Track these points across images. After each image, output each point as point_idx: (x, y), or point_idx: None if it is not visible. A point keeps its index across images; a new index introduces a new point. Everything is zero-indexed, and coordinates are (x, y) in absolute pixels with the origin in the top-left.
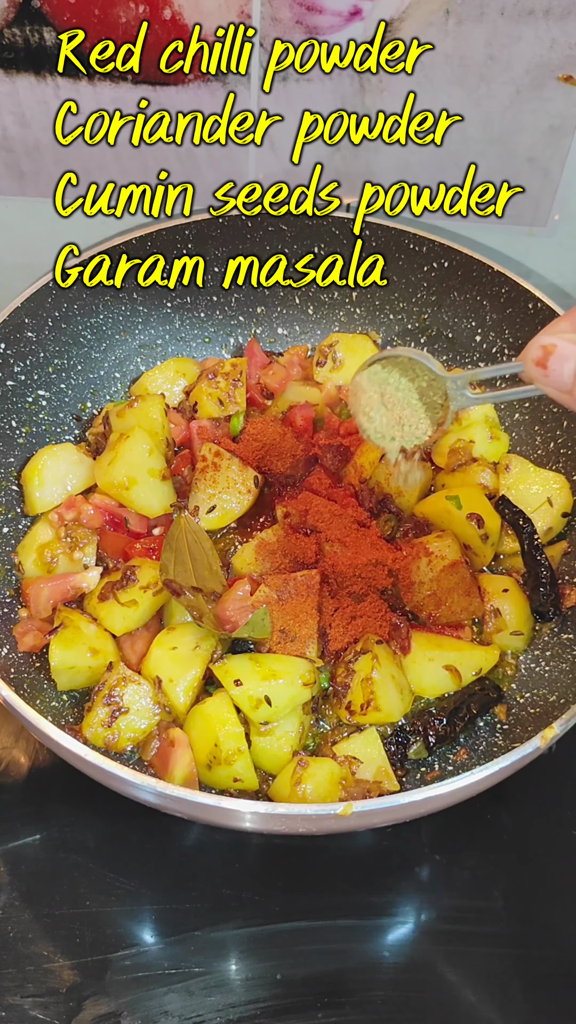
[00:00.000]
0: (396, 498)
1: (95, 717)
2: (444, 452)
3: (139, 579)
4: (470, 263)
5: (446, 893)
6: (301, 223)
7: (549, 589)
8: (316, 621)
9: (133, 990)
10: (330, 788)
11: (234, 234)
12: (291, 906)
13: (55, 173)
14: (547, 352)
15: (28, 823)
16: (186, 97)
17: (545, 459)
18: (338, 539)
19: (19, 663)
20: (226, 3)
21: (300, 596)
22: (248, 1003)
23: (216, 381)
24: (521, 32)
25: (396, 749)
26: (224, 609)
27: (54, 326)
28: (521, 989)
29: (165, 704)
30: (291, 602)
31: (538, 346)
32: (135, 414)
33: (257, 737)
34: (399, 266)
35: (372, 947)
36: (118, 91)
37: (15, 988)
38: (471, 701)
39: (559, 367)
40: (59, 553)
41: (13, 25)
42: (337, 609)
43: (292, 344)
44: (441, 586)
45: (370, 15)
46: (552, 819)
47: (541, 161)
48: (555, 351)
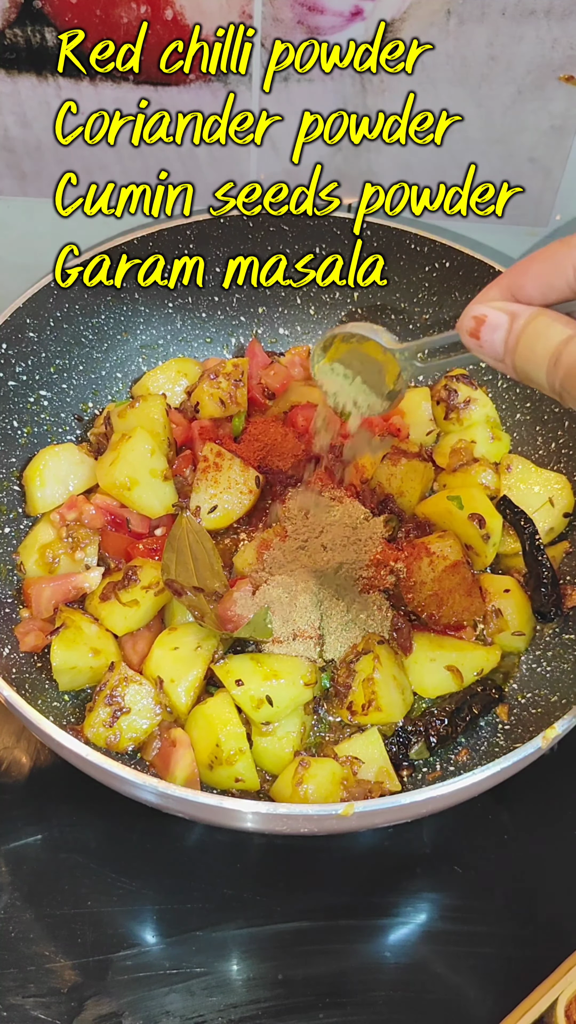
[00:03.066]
0: (398, 498)
1: (96, 717)
2: (446, 452)
3: (140, 579)
4: (471, 263)
5: (447, 893)
6: (301, 223)
7: (550, 589)
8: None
9: (134, 990)
10: (331, 788)
11: (234, 234)
12: (292, 906)
13: (57, 173)
14: (479, 322)
15: (30, 823)
16: (187, 97)
17: (546, 459)
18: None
19: (21, 663)
20: (227, 3)
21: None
22: (249, 1003)
23: (218, 381)
24: (522, 32)
25: (398, 749)
26: (226, 609)
27: (56, 326)
28: (522, 989)
29: (166, 704)
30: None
31: (469, 317)
32: (137, 414)
33: (259, 737)
34: (400, 266)
35: (373, 947)
36: (119, 91)
37: (17, 988)
38: (472, 701)
39: (490, 337)
40: (61, 553)
41: (15, 25)
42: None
43: (293, 344)
44: (443, 586)
45: (371, 15)
46: (553, 819)
47: (542, 161)
48: (486, 320)
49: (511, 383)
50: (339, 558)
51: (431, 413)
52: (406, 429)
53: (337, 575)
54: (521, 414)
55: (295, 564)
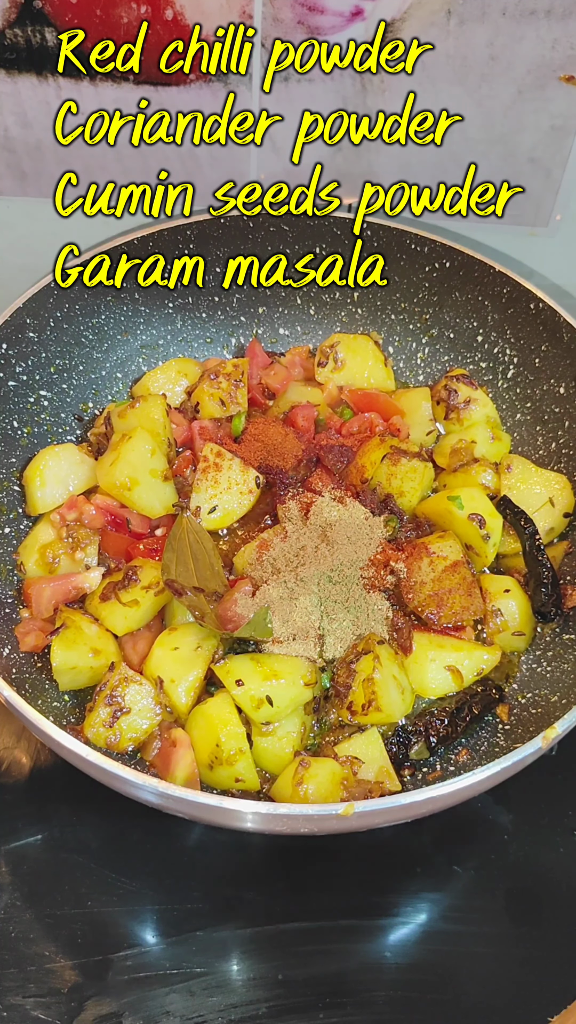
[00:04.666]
0: (398, 498)
1: (97, 717)
2: (446, 452)
3: (141, 579)
4: (472, 263)
5: (448, 893)
6: (301, 223)
7: (551, 589)
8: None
9: (135, 990)
10: (332, 788)
11: (234, 234)
12: (292, 906)
13: (57, 173)
14: None
15: (30, 823)
16: (187, 97)
17: (547, 459)
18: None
19: (21, 663)
20: (227, 3)
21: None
22: (250, 1003)
23: (218, 381)
24: (523, 32)
25: (398, 749)
26: (226, 609)
27: (56, 326)
28: (522, 989)
29: (167, 704)
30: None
31: None
32: (137, 415)
33: (259, 737)
34: (400, 266)
35: (374, 947)
36: (119, 91)
37: (17, 988)
38: (473, 701)
39: None
40: (61, 553)
41: (15, 26)
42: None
43: (294, 344)
44: (443, 586)
45: (371, 15)
46: (553, 819)
47: (543, 161)
48: None
49: (512, 383)
50: (339, 558)
51: (431, 413)
52: (406, 429)
53: (337, 575)
54: (521, 414)
55: (295, 564)
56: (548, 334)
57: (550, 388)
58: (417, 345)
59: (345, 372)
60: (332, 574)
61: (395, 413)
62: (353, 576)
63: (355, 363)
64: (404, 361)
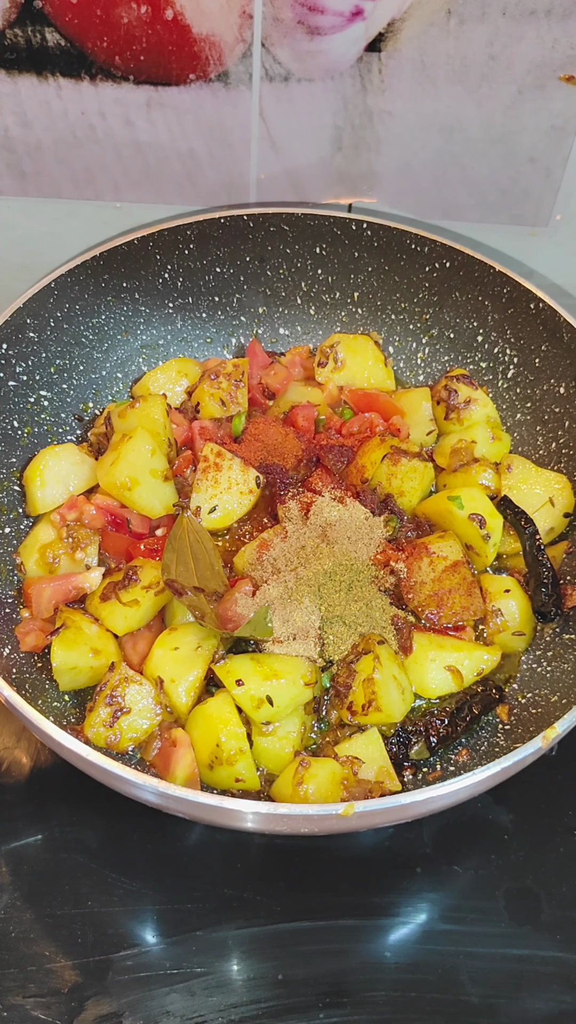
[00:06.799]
0: (398, 498)
1: (97, 717)
2: (446, 452)
3: (141, 579)
4: (472, 263)
5: (448, 893)
6: (302, 223)
7: (551, 589)
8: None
9: (135, 990)
10: (332, 788)
11: (234, 234)
12: (293, 906)
13: (57, 173)
14: None
15: (30, 823)
16: (187, 97)
17: (547, 459)
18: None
19: (21, 663)
20: (227, 3)
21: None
22: (250, 1003)
23: (218, 381)
24: (523, 32)
25: (398, 749)
26: (226, 609)
27: (56, 326)
28: (522, 989)
29: (167, 704)
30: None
31: None
32: (137, 414)
33: (259, 737)
34: (400, 266)
35: (374, 947)
36: (119, 91)
37: (17, 988)
38: (473, 701)
39: None
40: (61, 553)
41: (15, 25)
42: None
43: (294, 344)
44: (443, 586)
45: (371, 15)
46: (553, 819)
47: (543, 161)
48: None
49: (512, 383)
50: (339, 558)
51: (431, 413)
52: (406, 429)
53: (337, 575)
54: (521, 414)
55: (295, 564)
56: (548, 334)
57: (550, 388)
58: (417, 345)
59: (345, 372)
60: (332, 574)
61: (395, 413)
62: (353, 576)
63: (355, 363)
64: (404, 361)
